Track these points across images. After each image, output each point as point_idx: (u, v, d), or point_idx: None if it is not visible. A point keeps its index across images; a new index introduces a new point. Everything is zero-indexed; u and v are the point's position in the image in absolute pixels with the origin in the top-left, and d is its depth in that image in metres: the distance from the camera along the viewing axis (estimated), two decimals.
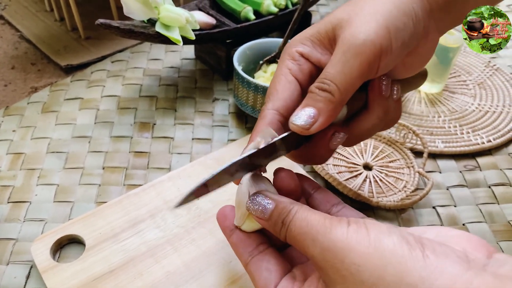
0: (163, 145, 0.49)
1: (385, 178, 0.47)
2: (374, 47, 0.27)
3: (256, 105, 0.49)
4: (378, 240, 0.22)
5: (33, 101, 0.54)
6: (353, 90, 0.28)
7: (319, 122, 0.28)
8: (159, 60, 0.62)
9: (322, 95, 0.27)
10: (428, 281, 0.20)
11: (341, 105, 0.28)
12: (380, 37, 0.27)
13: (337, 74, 0.27)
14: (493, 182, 0.48)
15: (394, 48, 0.28)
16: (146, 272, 0.36)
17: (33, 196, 0.43)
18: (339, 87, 0.27)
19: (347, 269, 0.22)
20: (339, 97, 0.27)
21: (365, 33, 0.27)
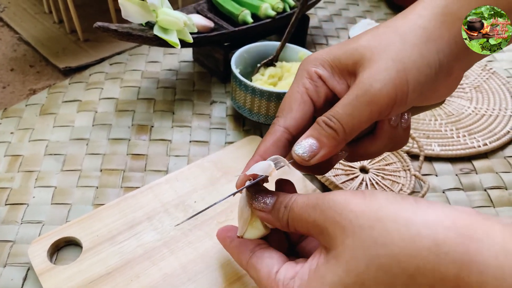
0: (160, 147, 0.49)
1: (382, 181, 0.47)
2: (389, 98, 0.27)
3: (253, 108, 0.49)
4: (372, 194, 0.25)
5: (31, 103, 0.54)
6: (359, 131, 0.29)
7: (319, 155, 0.29)
8: (158, 63, 0.62)
9: (327, 131, 0.28)
10: (421, 214, 0.22)
11: (344, 143, 0.29)
12: (398, 89, 0.27)
13: (345, 116, 0.28)
14: (489, 186, 0.48)
15: (410, 99, 0.28)
16: (143, 274, 0.36)
17: (31, 198, 0.43)
18: (344, 128, 0.28)
19: (345, 218, 0.24)
20: (343, 136, 0.28)
21: (383, 82, 0.27)
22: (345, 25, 0.73)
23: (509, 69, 0.66)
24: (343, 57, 0.30)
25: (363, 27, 0.64)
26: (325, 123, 0.28)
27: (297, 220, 0.27)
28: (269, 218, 0.29)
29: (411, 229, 0.21)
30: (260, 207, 0.29)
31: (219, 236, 0.33)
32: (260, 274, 0.28)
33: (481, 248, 0.20)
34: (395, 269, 0.22)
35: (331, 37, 0.70)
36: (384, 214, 0.23)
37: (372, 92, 0.27)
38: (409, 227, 0.22)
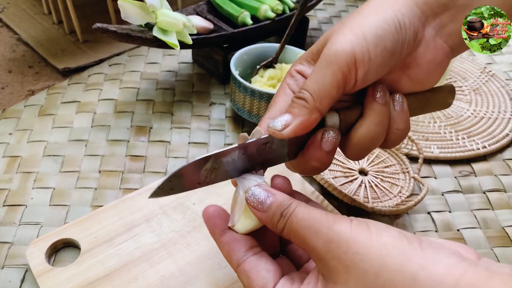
0: (159, 149, 0.49)
1: (381, 183, 0.47)
2: (346, 55, 0.28)
3: (253, 109, 0.49)
4: (379, 234, 0.24)
5: (30, 104, 0.54)
6: (329, 98, 0.29)
7: (292, 125, 0.29)
8: (157, 64, 0.62)
9: (298, 102, 0.29)
10: (427, 268, 0.22)
11: (316, 111, 0.29)
12: (354, 45, 0.28)
13: (311, 83, 0.29)
14: (488, 188, 0.48)
15: (373, 55, 0.29)
16: (140, 276, 0.36)
17: (29, 199, 0.43)
18: (312, 95, 0.29)
19: (351, 259, 0.23)
20: (312, 103, 0.29)
21: (338, 44, 0.28)
22: None
23: (508, 71, 0.66)
24: (315, 47, 0.31)
25: None
26: (295, 96, 0.29)
27: (294, 234, 0.26)
28: (262, 218, 0.28)
29: (416, 284, 0.22)
30: (255, 205, 0.28)
31: (207, 221, 0.31)
32: (253, 285, 0.27)
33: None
34: None
35: None
36: (390, 262, 0.23)
37: (329, 53, 0.28)
38: (415, 282, 0.22)
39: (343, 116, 0.31)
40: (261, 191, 0.28)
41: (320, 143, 0.30)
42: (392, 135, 0.33)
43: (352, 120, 0.32)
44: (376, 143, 0.32)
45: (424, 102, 0.34)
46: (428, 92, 0.34)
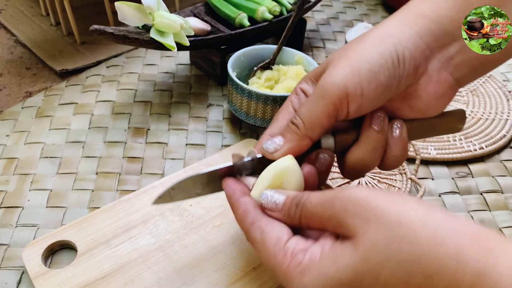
0: (156, 150, 0.49)
1: (378, 184, 0.47)
2: (339, 89, 0.29)
3: (250, 111, 0.49)
4: (400, 194, 0.25)
5: (27, 105, 0.54)
6: (320, 127, 0.30)
7: (282, 150, 0.31)
8: (154, 66, 0.62)
9: (291, 127, 0.31)
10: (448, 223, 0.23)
11: (306, 138, 0.31)
12: (348, 80, 0.29)
13: (304, 112, 0.30)
14: (485, 189, 0.48)
15: (366, 91, 0.29)
16: (137, 278, 0.36)
17: (26, 201, 0.43)
18: (304, 123, 0.30)
19: (371, 211, 0.24)
20: (304, 131, 0.30)
21: (334, 77, 0.29)
22: (342, 28, 0.73)
23: (506, 72, 0.66)
24: (318, 69, 0.33)
25: (360, 30, 0.64)
26: (290, 121, 0.31)
27: (311, 217, 0.27)
28: (280, 217, 0.29)
29: (438, 235, 0.22)
30: (271, 206, 0.29)
31: (227, 186, 0.32)
32: (268, 238, 0.28)
33: (498, 261, 0.21)
34: (414, 268, 0.22)
35: (328, 40, 0.70)
36: (413, 215, 0.23)
37: (324, 86, 0.30)
38: (436, 233, 0.22)
39: (339, 139, 0.32)
40: (274, 193, 0.29)
41: (314, 163, 0.32)
42: (388, 161, 0.33)
43: (348, 143, 0.33)
44: (370, 167, 0.33)
45: (429, 127, 0.34)
46: (434, 118, 0.33)
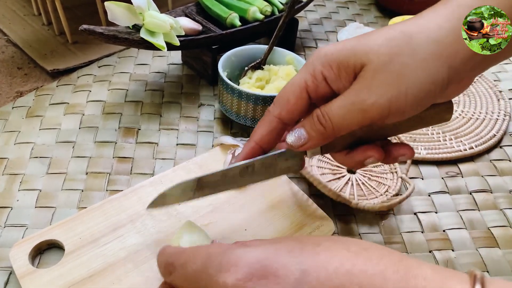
0: (147, 150, 0.49)
1: (368, 182, 0.47)
2: (382, 111, 0.29)
3: (240, 111, 0.49)
4: None
5: (18, 105, 0.54)
6: (348, 131, 0.31)
7: (306, 146, 0.32)
8: (146, 65, 0.62)
9: (317, 126, 0.31)
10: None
11: (331, 139, 0.31)
12: (393, 104, 0.29)
13: (337, 117, 0.30)
14: (474, 189, 0.48)
15: (408, 112, 0.30)
16: (125, 277, 0.36)
17: (15, 201, 0.43)
18: (334, 127, 0.30)
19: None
20: (331, 133, 0.31)
21: (379, 96, 0.29)
22: (335, 28, 0.73)
23: (497, 72, 0.66)
24: (352, 59, 0.30)
25: (352, 30, 0.64)
26: (317, 118, 0.31)
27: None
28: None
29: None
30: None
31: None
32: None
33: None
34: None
35: (320, 40, 0.70)
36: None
37: (367, 103, 0.29)
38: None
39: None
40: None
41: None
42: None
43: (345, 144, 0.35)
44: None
45: (418, 119, 0.34)
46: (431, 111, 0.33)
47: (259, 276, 0.23)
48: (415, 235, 0.43)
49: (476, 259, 0.42)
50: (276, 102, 0.33)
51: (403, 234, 0.43)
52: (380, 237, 0.43)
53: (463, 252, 0.42)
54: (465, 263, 0.41)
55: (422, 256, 0.41)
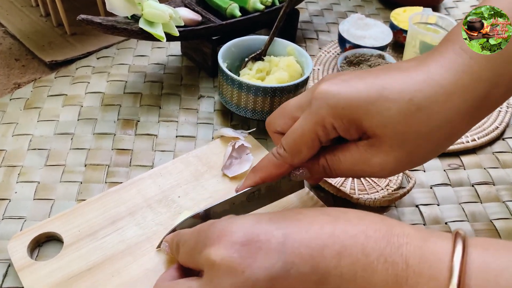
0: (146, 142, 0.49)
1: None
2: (383, 174, 0.32)
3: (240, 102, 0.49)
4: None
5: (15, 97, 0.53)
6: None
7: (309, 181, 0.39)
8: (145, 57, 0.61)
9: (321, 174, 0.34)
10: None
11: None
12: (399, 170, 0.32)
13: (342, 173, 0.33)
14: (477, 181, 0.48)
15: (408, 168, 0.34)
16: (124, 270, 0.36)
17: (13, 193, 0.42)
18: (336, 176, 0.35)
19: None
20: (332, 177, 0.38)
21: (390, 171, 0.31)
22: (336, 19, 0.72)
23: None
24: (366, 123, 0.30)
25: (353, 22, 0.63)
26: (323, 169, 0.33)
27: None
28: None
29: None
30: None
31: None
32: None
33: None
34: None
35: (321, 32, 0.69)
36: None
37: (375, 173, 0.32)
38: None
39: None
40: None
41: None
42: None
43: None
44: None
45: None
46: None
47: (241, 243, 0.24)
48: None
49: None
50: (287, 149, 0.33)
51: None
52: None
53: None
54: None
55: None
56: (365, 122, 0.30)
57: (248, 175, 0.36)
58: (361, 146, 0.31)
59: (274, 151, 0.34)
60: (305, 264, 0.23)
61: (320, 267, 0.23)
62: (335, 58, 0.64)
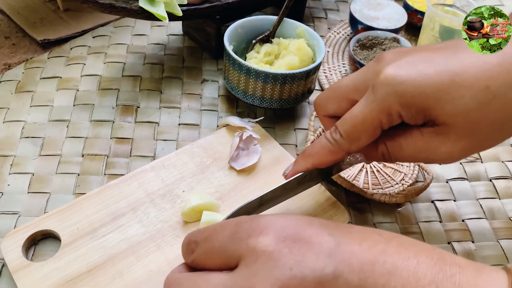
0: (147, 130, 0.46)
1: (383, 169, 0.45)
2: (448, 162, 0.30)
3: (248, 89, 0.46)
4: None
5: (6, 79, 0.50)
6: None
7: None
8: (144, 36, 0.57)
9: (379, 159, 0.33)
10: None
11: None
12: (462, 155, 0.30)
13: (401, 159, 0.32)
14: (495, 175, 0.46)
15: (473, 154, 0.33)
16: (127, 271, 0.34)
17: (5, 186, 0.40)
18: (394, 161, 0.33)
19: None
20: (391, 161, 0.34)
21: (456, 157, 0.29)
22: None
23: None
24: (436, 111, 0.28)
25: (365, 1, 0.60)
26: (383, 155, 0.32)
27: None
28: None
29: None
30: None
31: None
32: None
33: None
34: None
35: (330, 11, 0.66)
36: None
37: (441, 159, 0.30)
38: None
39: None
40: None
41: None
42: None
43: None
44: None
45: None
46: None
47: (292, 240, 0.23)
48: (432, 224, 0.41)
49: (497, 251, 0.39)
50: (345, 136, 0.31)
51: (420, 223, 0.41)
52: (396, 227, 0.41)
53: (483, 244, 0.40)
54: (486, 256, 0.39)
55: (441, 248, 0.39)
56: (435, 111, 0.28)
57: (297, 159, 0.34)
58: (426, 133, 0.29)
59: (328, 137, 0.32)
60: (354, 275, 0.22)
61: (368, 282, 0.22)
62: (346, 39, 0.61)
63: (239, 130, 0.44)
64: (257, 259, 0.23)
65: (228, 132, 0.45)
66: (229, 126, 0.45)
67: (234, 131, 0.44)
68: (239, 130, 0.44)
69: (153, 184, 0.40)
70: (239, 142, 0.42)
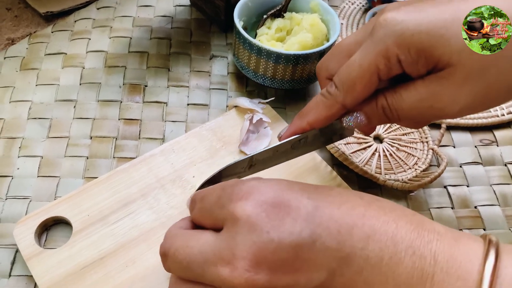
0: (155, 111, 0.45)
1: (396, 152, 0.44)
2: (460, 115, 0.29)
3: (259, 69, 0.44)
4: None
5: (10, 55, 0.48)
6: None
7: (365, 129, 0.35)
8: (150, 7, 0.55)
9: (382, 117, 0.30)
10: None
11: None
12: (474, 110, 0.28)
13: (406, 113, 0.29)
14: (510, 160, 0.45)
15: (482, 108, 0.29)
16: (139, 259, 0.34)
17: (15, 170, 0.39)
18: (399, 119, 0.30)
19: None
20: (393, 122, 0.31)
21: (464, 105, 0.27)
22: None
23: None
24: (439, 51, 0.26)
25: None
26: (383, 110, 0.29)
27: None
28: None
29: None
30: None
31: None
32: None
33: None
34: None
35: None
36: None
37: (448, 110, 0.28)
38: None
39: None
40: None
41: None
42: None
43: None
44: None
45: None
46: None
47: (271, 204, 0.23)
48: (444, 211, 0.41)
49: (509, 239, 0.39)
50: (340, 85, 0.29)
51: (431, 210, 0.41)
52: None
53: (494, 231, 0.40)
54: None
55: None
56: (438, 50, 0.26)
57: (293, 120, 0.32)
58: (429, 80, 0.27)
59: (323, 91, 0.30)
60: (332, 239, 0.22)
61: (346, 245, 0.22)
62: (361, 10, 0.58)
63: (249, 113, 0.43)
64: (236, 223, 0.23)
65: (237, 113, 0.44)
66: (238, 108, 0.44)
67: (244, 112, 0.43)
68: (249, 112, 0.43)
69: (163, 169, 0.39)
70: (250, 124, 0.41)
